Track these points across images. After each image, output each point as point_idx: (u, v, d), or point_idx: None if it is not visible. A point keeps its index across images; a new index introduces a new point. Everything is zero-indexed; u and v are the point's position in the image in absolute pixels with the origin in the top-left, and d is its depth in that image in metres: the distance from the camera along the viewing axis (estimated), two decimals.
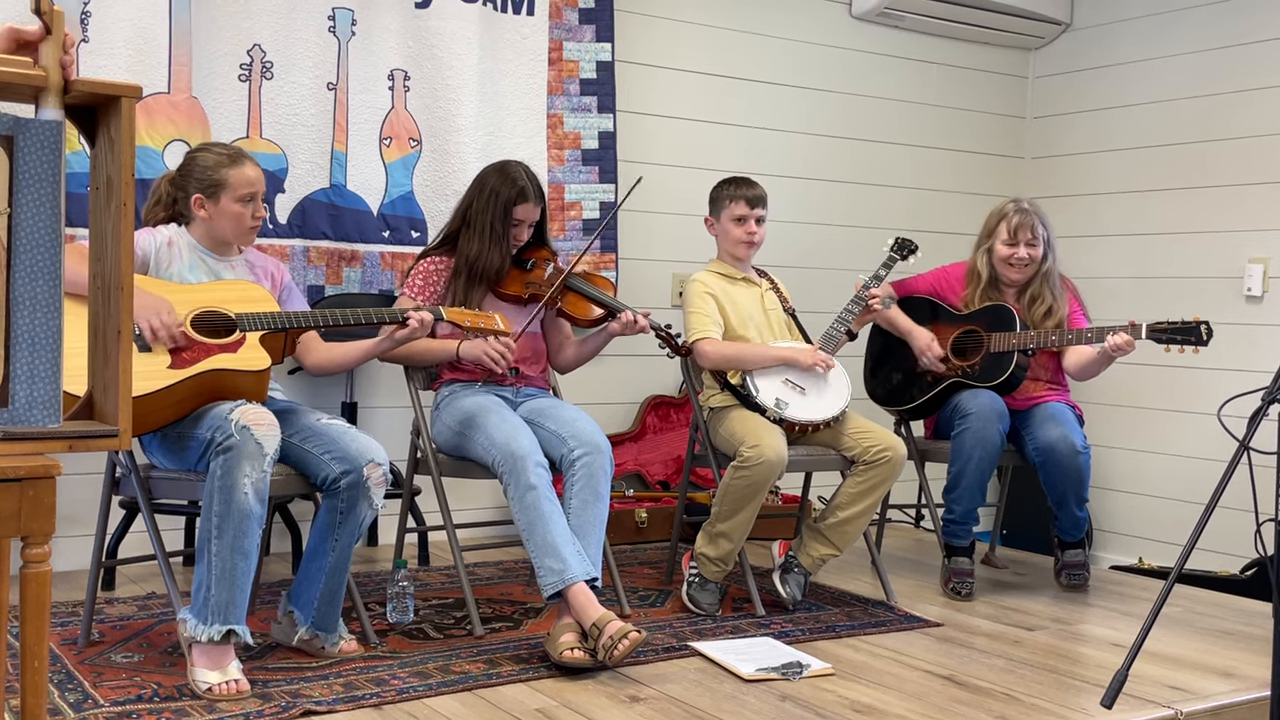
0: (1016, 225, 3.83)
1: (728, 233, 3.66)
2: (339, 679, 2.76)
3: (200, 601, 2.66)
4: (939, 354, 3.85)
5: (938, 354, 3.85)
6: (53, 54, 1.70)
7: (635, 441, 4.71)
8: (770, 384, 3.52)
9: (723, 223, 3.67)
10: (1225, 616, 3.69)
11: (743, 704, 2.70)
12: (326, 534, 2.87)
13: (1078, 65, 5.43)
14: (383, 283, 4.15)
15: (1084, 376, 3.86)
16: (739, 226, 3.64)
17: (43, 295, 1.65)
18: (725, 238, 3.68)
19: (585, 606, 2.91)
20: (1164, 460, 5.00)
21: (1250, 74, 4.78)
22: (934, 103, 5.37)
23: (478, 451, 3.17)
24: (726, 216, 3.65)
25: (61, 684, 2.67)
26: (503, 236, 3.37)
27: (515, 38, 4.36)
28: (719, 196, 3.68)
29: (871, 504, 3.48)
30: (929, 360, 3.85)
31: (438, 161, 4.22)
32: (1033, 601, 3.78)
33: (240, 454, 2.64)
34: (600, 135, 4.54)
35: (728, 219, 3.65)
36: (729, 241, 3.67)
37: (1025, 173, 5.60)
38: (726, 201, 3.65)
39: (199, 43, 3.83)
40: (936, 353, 3.85)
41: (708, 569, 3.49)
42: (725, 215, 3.65)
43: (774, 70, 4.96)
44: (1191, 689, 2.92)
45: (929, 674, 2.98)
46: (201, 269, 2.97)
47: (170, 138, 3.79)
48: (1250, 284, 4.73)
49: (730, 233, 3.66)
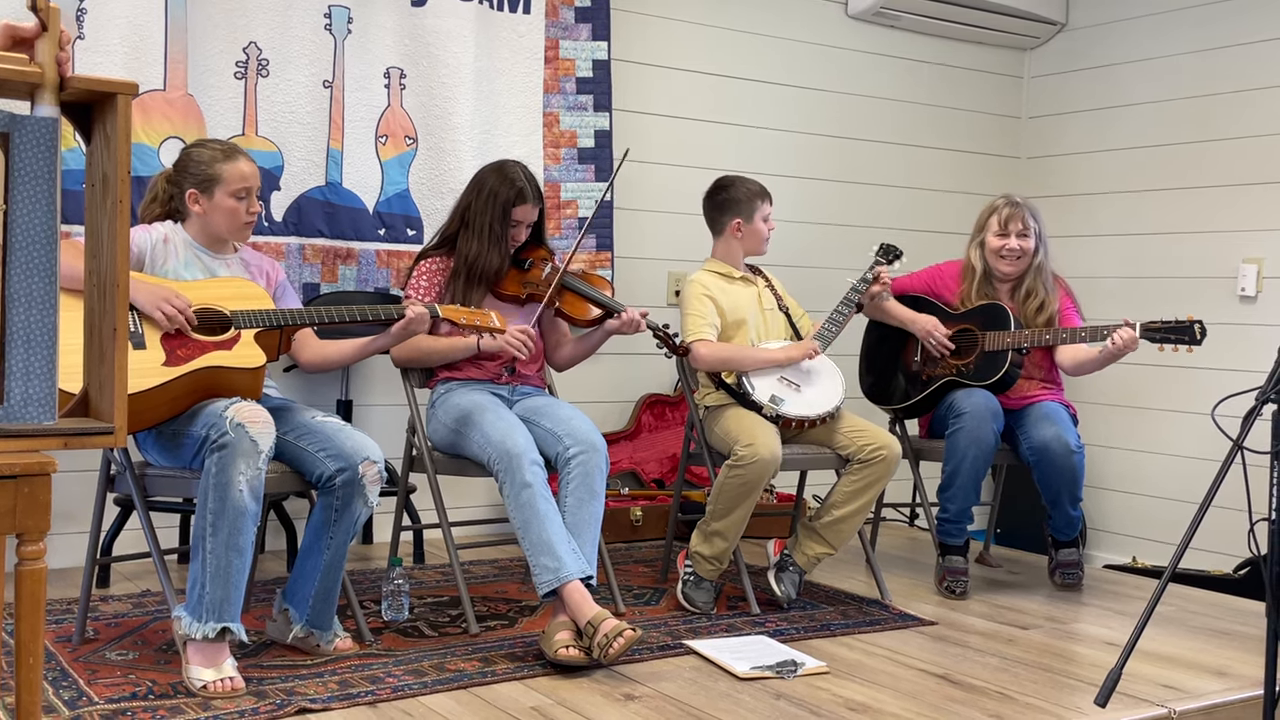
0: (1007, 216, 3.85)
1: (759, 233, 3.68)
2: (334, 677, 2.76)
3: (195, 599, 2.66)
4: (946, 333, 3.84)
5: (944, 333, 3.84)
6: (49, 51, 1.70)
7: (630, 440, 4.72)
8: (766, 381, 3.52)
9: (754, 223, 3.67)
10: (1219, 616, 3.70)
11: (737, 702, 2.71)
12: (321, 532, 2.87)
13: (1073, 65, 5.44)
14: (378, 281, 4.15)
15: (1079, 372, 3.85)
16: (766, 225, 3.68)
17: (38, 292, 1.65)
18: (752, 238, 3.68)
19: (580, 605, 2.91)
20: (1158, 460, 5.01)
21: (1245, 75, 4.79)
22: (929, 102, 5.38)
23: (473, 449, 3.17)
24: (759, 217, 3.67)
25: (56, 681, 2.67)
26: (501, 237, 3.36)
27: (511, 36, 4.36)
28: (746, 198, 3.65)
29: (866, 502, 3.48)
30: (936, 341, 3.84)
31: (434, 160, 4.22)
32: (1027, 600, 3.79)
33: (235, 451, 2.64)
34: (596, 134, 4.54)
35: (759, 219, 3.67)
36: (755, 240, 3.69)
37: (1020, 172, 5.61)
38: (758, 201, 3.66)
39: (195, 40, 3.83)
40: (943, 333, 3.84)
41: (703, 567, 3.49)
42: (758, 216, 3.67)
43: (770, 69, 4.96)
44: (1185, 688, 2.93)
45: (923, 672, 2.98)
46: (197, 266, 2.97)
47: (166, 135, 3.78)
48: (1244, 284, 4.74)
49: (762, 232, 3.68)
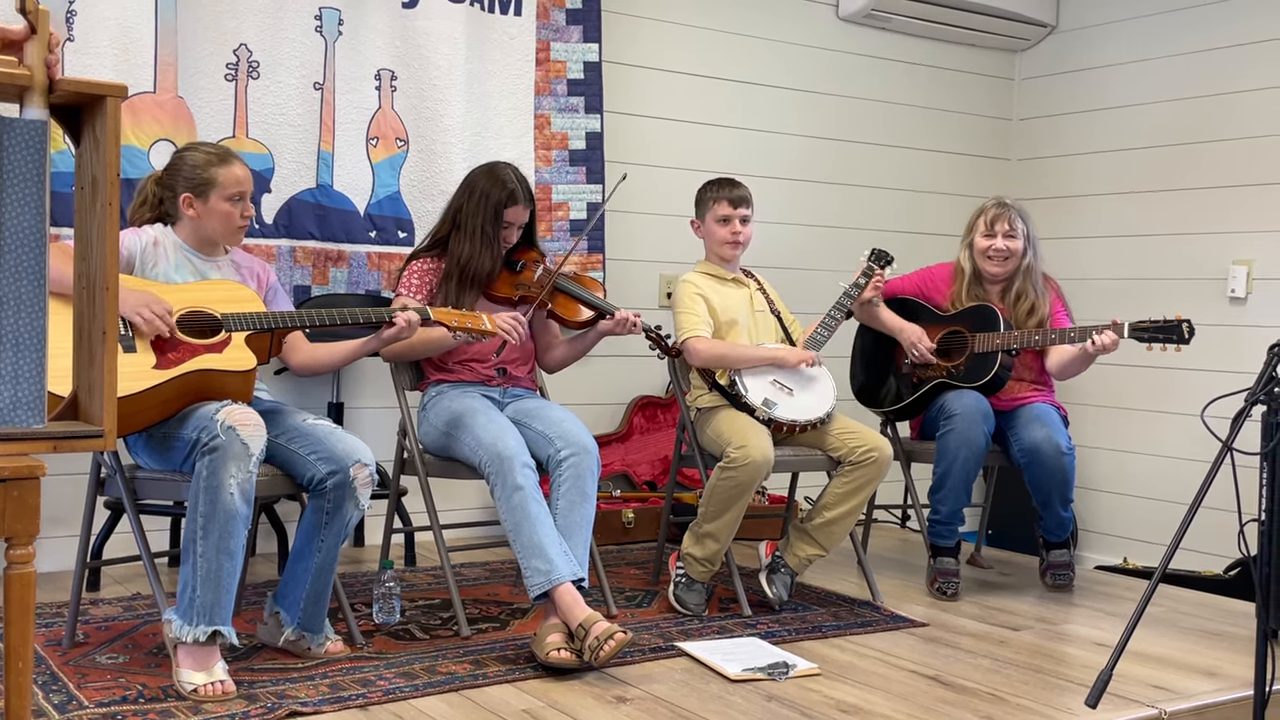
0: (994, 217, 3.87)
1: (713, 233, 3.67)
2: (325, 680, 2.75)
3: (186, 602, 2.65)
4: (930, 346, 3.86)
5: (929, 346, 3.86)
6: (38, 53, 1.70)
7: (622, 442, 4.71)
8: (759, 384, 3.52)
9: (708, 224, 3.68)
10: (1209, 616, 3.71)
11: (729, 704, 2.71)
12: (313, 535, 2.87)
13: (1063, 67, 5.45)
14: (369, 283, 4.14)
15: (1065, 375, 3.88)
16: (723, 227, 3.65)
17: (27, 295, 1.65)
18: (711, 239, 3.69)
19: (571, 607, 2.91)
20: (1148, 461, 5.02)
21: (1235, 77, 4.80)
22: (920, 104, 5.39)
23: (464, 452, 3.16)
24: (711, 217, 3.66)
25: (46, 685, 2.66)
26: (493, 239, 3.36)
27: (502, 38, 4.36)
28: (703, 198, 3.70)
29: (858, 504, 3.49)
30: (920, 353, 3.86)
31: (425, 162, 4.22)
32: (1018, 601, 3.80)
33: (226, 454, 2.64)
34: (587, 135, 4.54)
35: (712, 220, 3.66)
36: (715, 242, 3.68)
37: (1011, 174, 5.62)
38: (710, 202, 3.66)
39: (185, 42, 3.82)
40: (928, 345, 3.86)
41: (694, 569, 3.49)
42: (710, 216, 3.66)
43: (761, 71, 4.97)
44: (1175, 688, 2.93)
45: (915, 674, 2.99)
46: (187, 269, 2.96)
47: (156, 137, 3.77)
48: (1234, 285, 4.76)
49: (715, 233, 3.67)
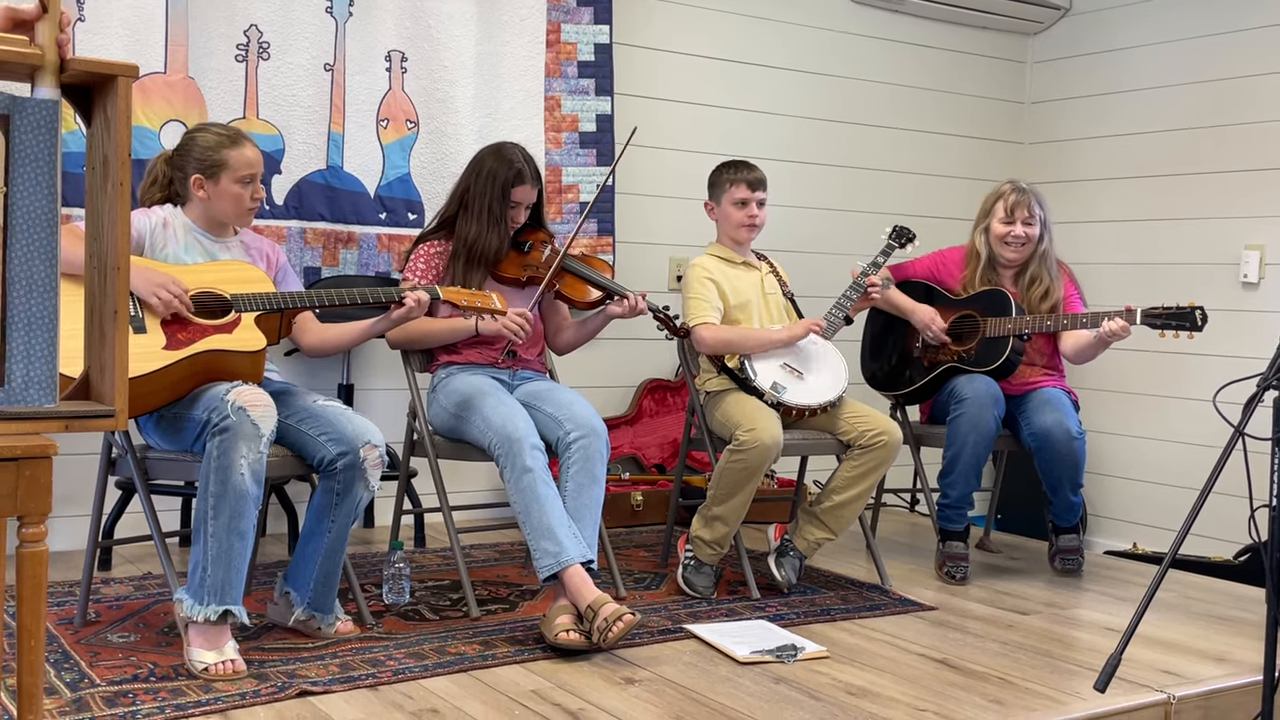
0: (1014, 204, 3.84)
1: (729, 216, 3.65)
2: (335, 660, 2.76)
3: (196, 582, 2.67)
4: (942, 327, 3.84)
5: (941, 327, 3.84)
6: (49, 33, 1.70)
7: (631, 425, 4.72)
8: (768, 368, 3.52)
9: (723, 206, 3.66)
10: (1219, 602, 3.70)
11: (737, 686, 2.71)
12: (323, 515, 2.87)
13: (1076, 50, 5.42)
14: (379, 264, 4.15)
15: (1081, 360, 3.87)
16: (740, 210, 3.63)
17: (39, 275, 1.65)
18: (726, 221, 3.67)
19: (580, 589, 2.92)
20: (1159, 446, 5.01)
21: (1250, 60, 4.77)
22: (933, 87, 5.36)
23: (474, 434, 3.17)
24: (727, 200, 3.64)
25: (58, 663, 2.68)
26: (501, 219, 3.36)
27: (513, 19, 4.35)
28: (719, 180, 3.67)
29: (867, 488, 3.48)
30: (933, 335, 3.85)
31: (435, 143, 4.21)
32: (1027, 586, 3.79)
33: (236, 435, 2.65)
34: (598, 118, 4.52)
35: (728, 202, 3.64)
36: (730, 225, 3.66)
37: (1024, 158, 5.59)
38: (727, 185, 3.64)
39: (195, 23, 3.82)
40: (940, 326, 3.84)
41: (703, 552, 3.50)
42: (726, 199, 3.64)
43: (773, 54, 4.95)
44: (1184, 673, 2.93)
45: (923, 657, 2.99)
46: (197, 250, 2.96)
47: (166, 118, 3.77)
48: (1247, 270, 4.74)
49: (731, 216, 3.65)
